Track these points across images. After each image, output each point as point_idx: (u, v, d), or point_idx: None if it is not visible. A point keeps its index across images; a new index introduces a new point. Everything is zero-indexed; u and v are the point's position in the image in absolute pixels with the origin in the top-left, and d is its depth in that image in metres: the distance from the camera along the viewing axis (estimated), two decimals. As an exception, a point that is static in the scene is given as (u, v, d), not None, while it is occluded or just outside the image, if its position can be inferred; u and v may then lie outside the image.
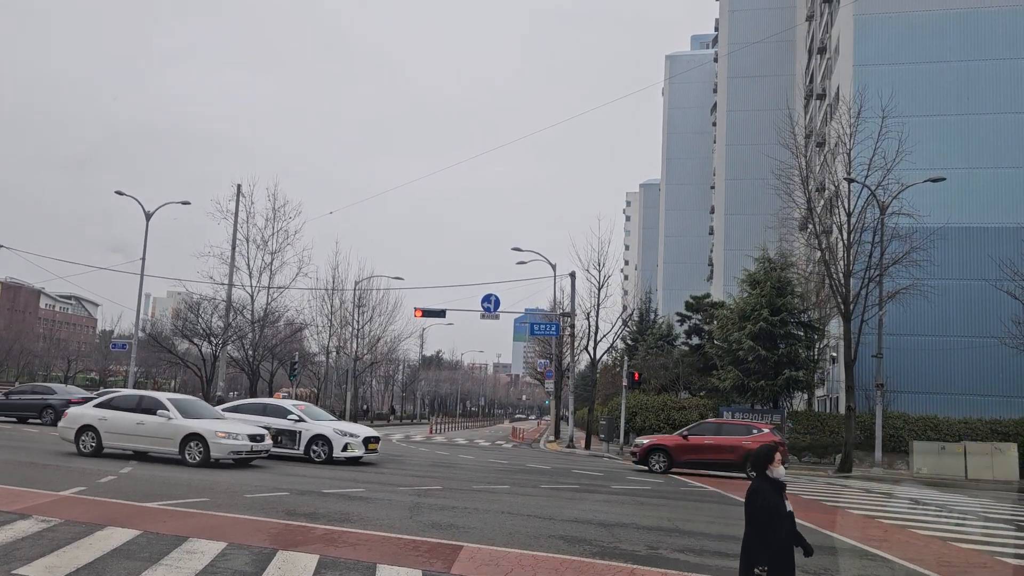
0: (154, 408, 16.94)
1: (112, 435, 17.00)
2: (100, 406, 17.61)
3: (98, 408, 17.55)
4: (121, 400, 17.82)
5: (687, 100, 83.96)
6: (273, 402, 22.07)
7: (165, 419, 16.64)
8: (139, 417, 16.89)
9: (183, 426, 16.59)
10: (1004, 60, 35.84)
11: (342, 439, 19.44)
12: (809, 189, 29.69)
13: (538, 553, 8.87)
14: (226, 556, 7.79)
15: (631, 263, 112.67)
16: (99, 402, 18.00)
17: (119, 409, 17.22)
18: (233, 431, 16.68)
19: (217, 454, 16.33)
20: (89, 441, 17.08)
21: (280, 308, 48.02)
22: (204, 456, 16.26)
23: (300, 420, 19.85)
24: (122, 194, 39.85)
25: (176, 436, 16.50)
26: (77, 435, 17.21)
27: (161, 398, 17.47)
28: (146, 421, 16.77)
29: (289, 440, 19.51)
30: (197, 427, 16.54)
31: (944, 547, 11.33)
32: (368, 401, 68.02)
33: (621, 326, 46.75)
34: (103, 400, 18.00)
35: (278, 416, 19.98)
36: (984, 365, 33.55)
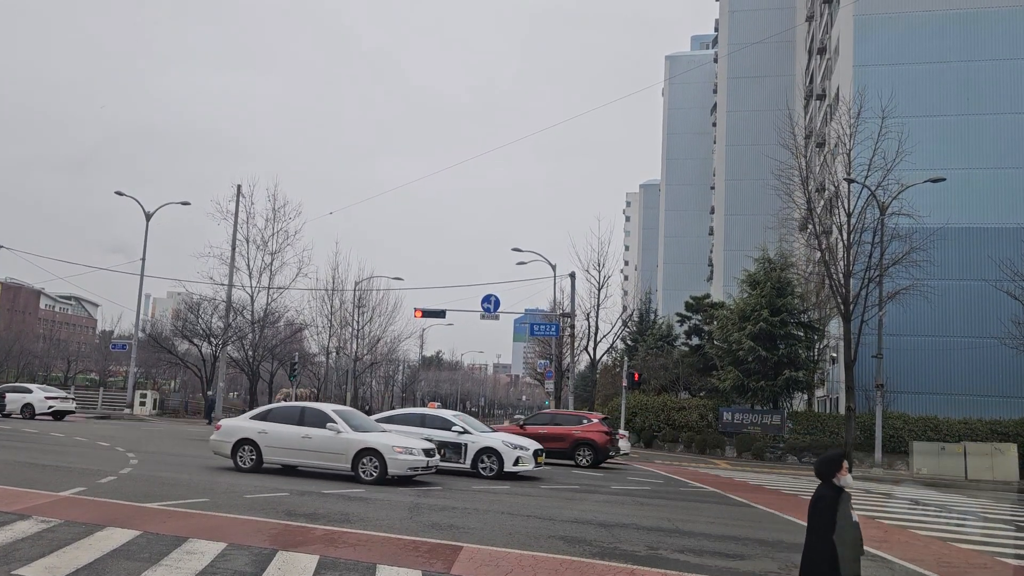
0: (321, 421, 15.74)
1: (273, 449, 15.82)
2: (258, 418, 16.43)
3: (256, 420, 16.35)
4: (281, 412, 16.57)
5: (687, 100, 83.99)
6: (432, 412, 20.49)
7: (334, 433, 15.40)
8: (304, 430, 15.67)
9: (356, 440, 15.33)
10: (1004, 60, 35.86)
11: (513, 452, 18.10)
12: (809, 189, 29.71)
13: (538, 553, 8.87)
14: (226, 556, 7.79)
15: (631, 263, 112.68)
16: (256, 414, 16.76)
17: (280, 422, 16.04)
18: (409, 445, 15.48)
19: (395, 470, 15.05)
20: (248, 456, 15.85)
21: (280, 308, 48.05)
22: (380, 472, 14.97)
23: (465, 432, 18.54)
24: (122, 194, 39.88)
25: (348, 451, 15.26)
26: (234, 449, 15.98)
27: (326, 410, 16.26)
28: (313, 435, 15.54)
29: (454, 453, 18.16)
30: (372, 441, 15.30)
31: (944, 547, 11.33)
32: (368, 402, 68.03)
33: (621, 326, 46.83)
34: (260, 412, 16.77)
35: (440, 428, 18.62)
36: (984, 365, 33.57)
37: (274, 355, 48.55)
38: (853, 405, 27.26)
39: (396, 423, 18.57)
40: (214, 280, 44.60)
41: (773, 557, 9.74)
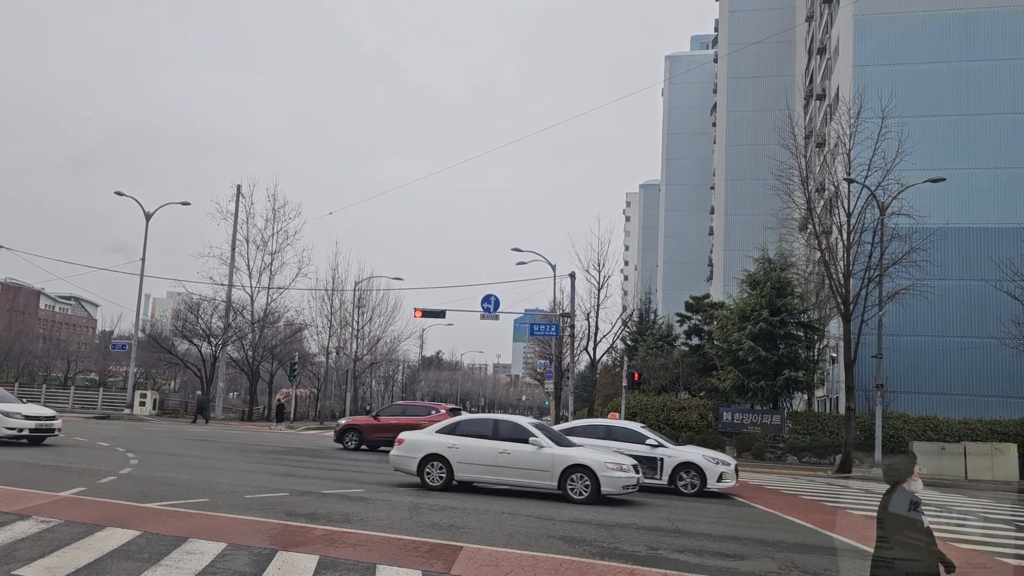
0: (520, 435, 14.71)
1: (466, 466, 14.74)
2: (445, 432, 15.36)
3: (444, 435, 15.24)
4: (472, 425, 15.55)
5: (687, 100, 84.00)
6: (621, 424, 19.24)
7: (535, 448, 14.37)
8: (500, 445, 14.60)
9: (562, 456, 14.28)
10: (1004, 60, 35.86)
11: (716, 468, 16.95)
12: (809, 189, 29.70)
13: (538, 553, 8.87)
14: (226, 556, 7.79)
15: (631, 263, 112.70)
16: (443, 427, 15.63)
17: (471, 435, 15.01)
18: (619, 461, 14.53)
19: (609, 489, 14.04)
20: (437, 473, 14.81)
21: (280, 309, 48.13)
22: (592, 491, 13.95)
23: (660, 445, 17.43)
24: (122, 195, 39.89)
25: (554, 468, 14.20)
26: (421, 465, 14.90)
27: (524, 423, 15.33)
28: (511, 450, 14.47)
29: (648, 468, 16.77)
30: (582, 457, 14.28)
31: (944, 548, 11.32)
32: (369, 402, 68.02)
33: (621, 326, 46.84)
34: (447, 426, 15.64)
35: (630, 440, 17.46)
36: (984, 365, 33.57)
37: (274, 355, 48.58)
38: (853, 405, 27.25)
39: (578, 435, 17.00)
40: (214, 280, 44.71)
41: (773, 557, 9.74)
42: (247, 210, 46.45)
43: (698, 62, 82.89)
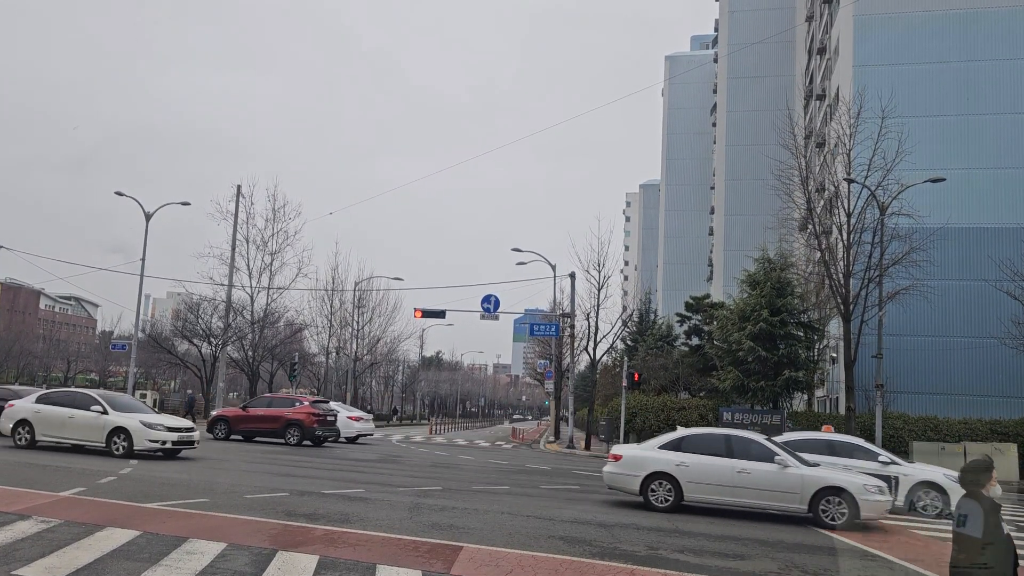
0: (761, 454, 13.58)
1: (698, 485, 13.68)
2: (669, 448, 14.18)
3: (668, 451, 14.07)
4: (699, 442, 14.21)
5: (687, 100, 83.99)
6: (843, 439, 17.49)
7: (779, 467, 13.26)
8: (737, 464, 13.48)
9: (813, 477, 13.22)
10: (1004, 60, 35.86)
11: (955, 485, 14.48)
12: (809, 189, 29.70)
13: (538, 554, 8.86)
14: (226, 556, 7.79)
15: (631, 263, 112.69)
16: (666, 443, 14.42)
17: (700, 452, 13.84)
18: (877, 483, 13.42)
19: (870, 514, 12.96)
20: (663, 493, 13.75)
21: (280, 309, 48.09)
22: (850, 516, 12.81)
23: (892, 463, 16.03)
24: (122, 195, 39.86)
25: (804, 490, 13.10)
26: (644, 484, 13.87)
27: (761, 440, 14.15)
28: (752, 470, 13.36)
29: None
30: (837, 479, 13.21)
31: (944, 547, 11.31)
32: (369, 402, 68.01)
33: (621, 327, 46.79)
34: (671, 441, 14.40)
35: (857, 457, 15.95)
36: (984, 365, 33.57)
37: (274, 355, 48.58)
38: (853, 405, 27.25)
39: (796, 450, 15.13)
40: (214, 280, 44.66)
41: (773, 557, 9.74)
42: (247, 210, 46.43)
43: (698, 62, 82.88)
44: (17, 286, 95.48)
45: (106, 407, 18.09)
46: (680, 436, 14.63)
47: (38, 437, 18.54)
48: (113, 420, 17.85)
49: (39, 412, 18.62)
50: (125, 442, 17.65)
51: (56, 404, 18.68)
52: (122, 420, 17.84)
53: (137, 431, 17.64)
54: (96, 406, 18.13)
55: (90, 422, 18.01)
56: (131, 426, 17.71)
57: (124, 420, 17.85)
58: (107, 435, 17.80)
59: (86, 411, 18.12)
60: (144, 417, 18.27)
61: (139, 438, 17.61)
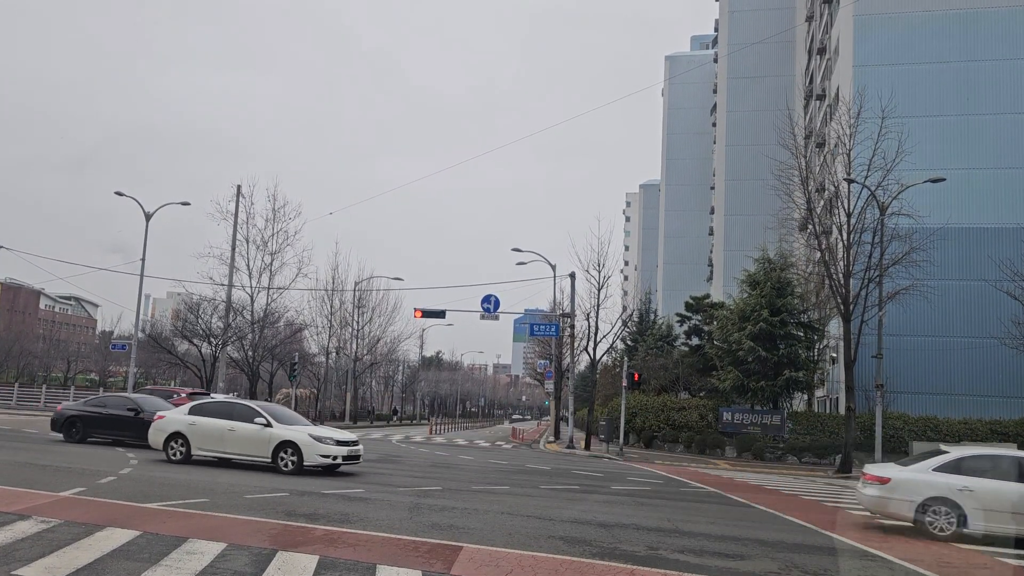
0: None
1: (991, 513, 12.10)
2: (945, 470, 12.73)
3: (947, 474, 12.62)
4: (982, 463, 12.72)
5: (687, 100, 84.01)
6: None
7: None
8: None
9: None
10: (1004, 60, 35.86)
11: None
12: (809, 190, 29.69)
13: (538, 554, 8.86)
14: (226, 556, 7.79)
15: (631, 263, 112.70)
16: (942, 465, 12.90)
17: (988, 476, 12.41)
18: None
19: None
20: (944, 519, 12.23)
21: (280, 309, 48.08)
22: None
23: None
24: (122, 195, 39.86)
25: None
26: (920, 510, 12.41)
27: None
28: None
29: None
30: None
31: (944, 547, 11.33)
32: (369, 402, 68.03)
33: (621, 327, 46.79)
34: (947, 463, 12.88)
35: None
36: (984, 365, 33.57)
37: (274, 355, 48.57)
38: (853, 405, 27.24)
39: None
40: (214, 280, 44.66)
41: (773, 557, 9.74)
42: (247, 210, 46.41)
43: (698, 62, 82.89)
44: (17, 286, 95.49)
45: (269, 419, 16.78)
46: (956, 457, 13.10)
47: (194, 452, 17.11)
48: (279, 433, 16.52)
49: (194, 424, 17.19)
50: (294, 457, 16.31)
51: (212, 415, 17.30)
52: (289, 433, 16.52)
53: (307, 445, 16.30)
54: (259, 418, 16.77)
55: (253, 435, 16.68)
56: (300, 440, 16.37)
57: (291, 433, 16.52)
58: (273, 450, 16.48)
59: (248, 423, 16.79)
60: (311, 430, 17.00)
61: (309, 453, 16.27)
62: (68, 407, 22.80)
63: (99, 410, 21.96)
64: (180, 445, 17.19)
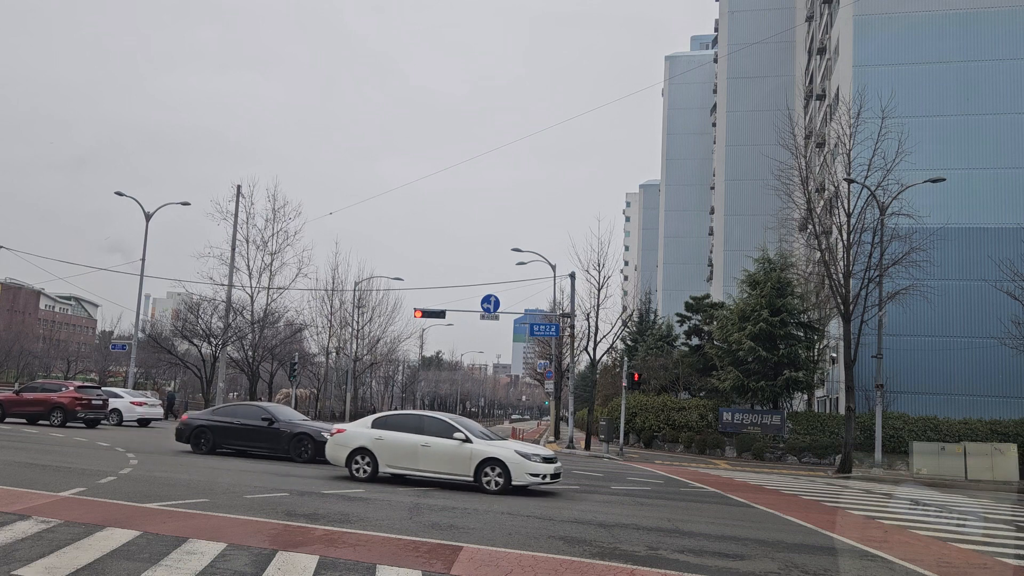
0: None
1: None
2: None
3: None
4: None
5: (687, 101, 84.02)
6: None
7: None
8: None
9: None
10: (1004, 60, 35.87)
11: None
12: (809, 190, 29.70)
13: (538, 554, 8.86)
14: (226, 557, 7.79)
15: (631, 263, 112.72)
16: None
17: None
18: None
19: None
20: None
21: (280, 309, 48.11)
22: None
23: None
24: (122, 195, 39.90)
25: None
26: None
27: None
28: None
29: None
30: None
31: (944, 548, 11.32)
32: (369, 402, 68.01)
33: (621, 327, 46.79)
34: None
35: None
36: (984, 365, 33.58)
37: (274, 355, 48.58)
38: (853, 405, 27.25)
39: None
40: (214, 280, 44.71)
41: (773, 557, 9.74)
42: (247, 210, 46.42)
43: (698, 62, 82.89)
44: (17, 286, 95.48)
45: (468, 434, 15.51)
46: None
47: (381, 469, 15.77)
48: (483, 450, 15.21)
49: (381, 439, 15.81)
50: (500, 476, 14.97)
51: (399, 429, 15.97)
52: (494, 450, 15.22)
53: (515, 463, 15.00)
54: (458, 433, 15.41)
55: (451, 452, 15.28)
56: (507, 457, 15.07)
57: (496, 450, 15.23)
58: (475, 468, 15.11)
59: (444, 439, 15.40)
60: (515, 445, 15.86)
61: (518, 472, 14.95)
62: (195, 417, 21.52)
63: (229, 420, 20.76)
64: (366, 462, 15.87)
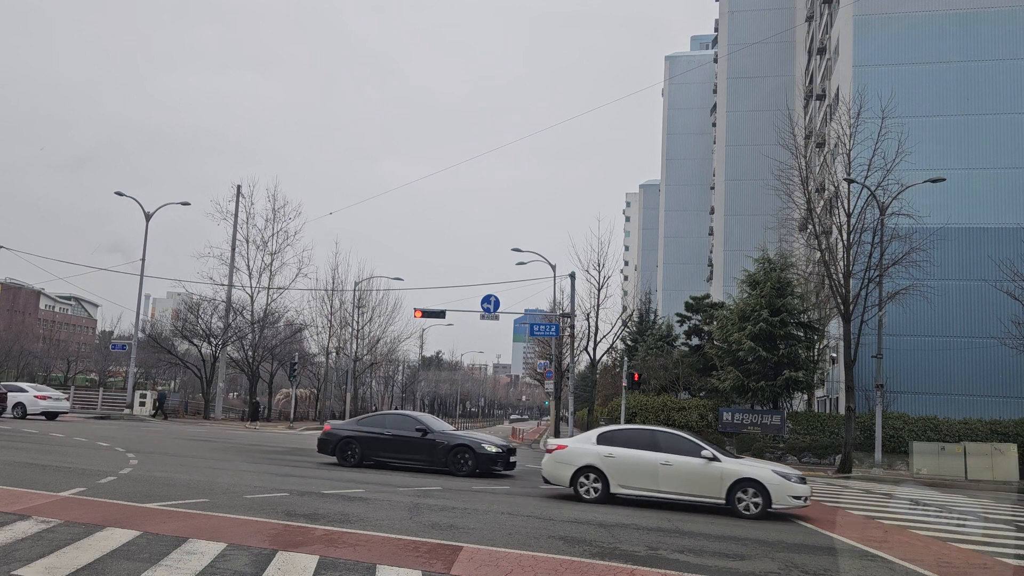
0: None
1: None
2: None
3: None
4: None
5: (687, 101, 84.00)
6: None
7: None
8: None
9: None
10: (1004, 60, 35.87)
11: None
12: (809, 190, 29.68)
13: (538, 554, 8.86)
14: (226, 557, 7.79)
15: (631, 263, 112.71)
16: None
17: None
18: None
19: None
20: None
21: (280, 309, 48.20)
22: None
23: None
24: (122, 195, 39.90)
25: None
26: None
27: None
28: None
29: None
30: None
31: (944, 548, 11.32)
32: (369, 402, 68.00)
33: (621, 327, 46.83)
34: None
35: None
36: (984, 365, 33.57)
37: (274, 355, 48.62)
38: (853, 405, 27.24)
39: None
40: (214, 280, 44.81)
41: (773, 557, 9.74)
42: (247, 210, 46.51)
43: (698, 62, 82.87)
44: (17, 286, 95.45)
45: (714, 452, 14.04)
46: None
47: (613, 489, 14.26)
48: (735, 470, 13.76)
49: (612, 457, 14.34)
50: (757, 499, 13.50)
51: (631, 446, 14.45)
52: (749, 470, 13.81)
53: (775, 486, 13.46)
54: (704, 451, 14.00)
55: (699, 472, 13.84)
56: (765, 478, 13.57)
57: (752, 470, 13.83)
58: (728, 489, 13.64)
59: (689, 457, 14.00)
60: (773, 466, 14.47)
61: (779, 494, 13.43)
62: (339, 427, 20.29)
63: (379, 431, 19.46)
64: (594, 481, 14.42)
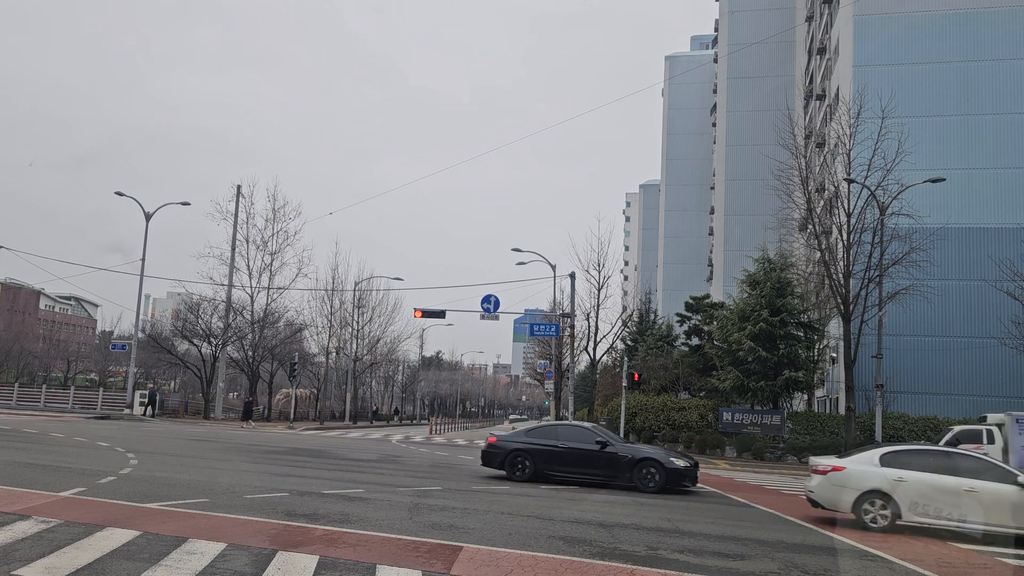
0: None
1: None
2: None
3: None
4: None
5: (687, 101, 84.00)
6: None
7: None
8: None
9: None
10: (1004, 60, 35.87)
11: None
12: (809, 190, 29.70)
13: (538, 554, 8.86)
14: (226, 557, 7.79)
15: (631, 263, 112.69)
16: None
17: None
18: None
19: None
20: None
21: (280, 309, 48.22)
22: None
23: None
24: (122, 195, 39.90)
25: None
26: None
27: None
28: None
29: None
30: None
31: (944, 547, 11.33)
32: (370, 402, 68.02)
33: (621, 327, 46.83)
34: None
35: None
36: (984, 365, 33.58)
37: (274, 355, 48.62)
38: (853, 405, 27.25)
39: None
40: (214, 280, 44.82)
41: (773, 557, 9.74)
42: (247, 210, 46.52)
43: (698, 62, 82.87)
44: (17, 286, 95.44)
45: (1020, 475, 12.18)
46: None
47: (904, 516, 12.37)
48: None
49: (903, 481, 12.46)
50: None
51: (924, 469, 12.58)
52: None
53: None
54: (1021, 477, 12.05)
55: (1015, 501, 11.84)
56: None
57: None
58: None
59: (997, 484, 12.05)
60: None
61: None
62: (506, 439, 19.03)
63: (552, 443, 18.20)
64: (880, 508, 12.56)
